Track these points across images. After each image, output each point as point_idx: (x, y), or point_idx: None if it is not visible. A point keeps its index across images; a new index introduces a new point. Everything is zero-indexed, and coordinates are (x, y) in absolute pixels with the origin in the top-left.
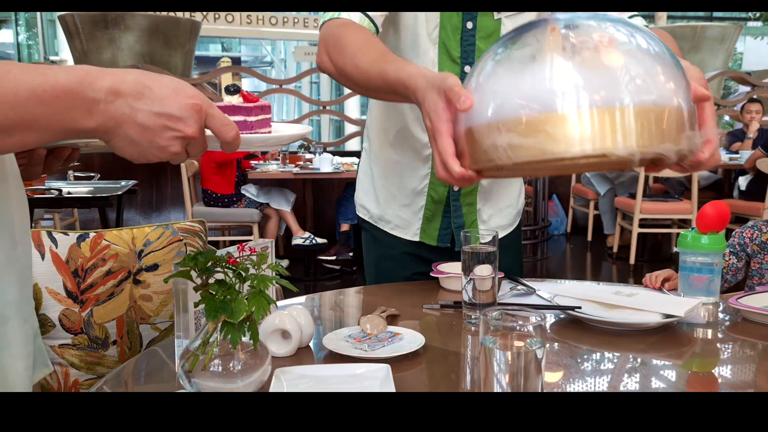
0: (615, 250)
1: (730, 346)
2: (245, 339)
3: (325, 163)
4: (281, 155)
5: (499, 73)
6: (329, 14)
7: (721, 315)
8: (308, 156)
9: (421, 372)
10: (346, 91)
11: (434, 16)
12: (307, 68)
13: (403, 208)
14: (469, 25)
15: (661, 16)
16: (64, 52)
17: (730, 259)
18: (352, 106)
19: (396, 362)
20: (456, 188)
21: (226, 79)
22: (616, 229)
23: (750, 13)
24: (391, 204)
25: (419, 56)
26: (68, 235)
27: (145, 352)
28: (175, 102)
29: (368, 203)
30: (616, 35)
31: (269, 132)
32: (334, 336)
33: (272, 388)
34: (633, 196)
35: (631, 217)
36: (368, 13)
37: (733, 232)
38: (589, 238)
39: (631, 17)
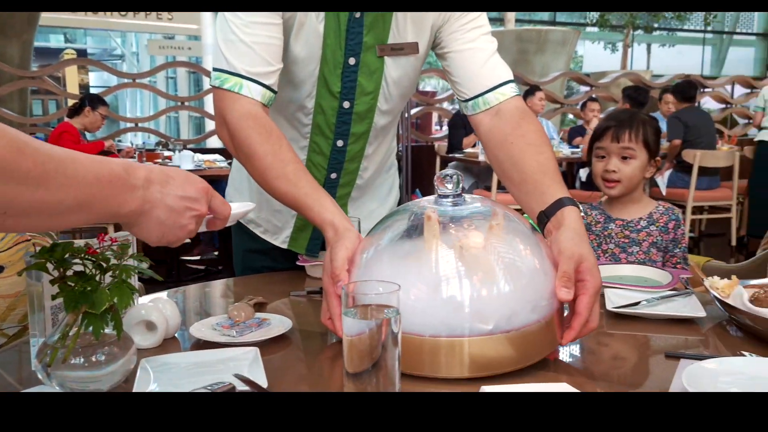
0: None
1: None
2: (108, 330)
3: (185, 161)
4: (137, 153)
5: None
6: (224, 81)
7: None
8: (167, 153)
9: (289, 353)
10: (206, 86)
11: (318, 52)
12: (162, 62)
13: (275, 214)
14: (352, 61)
15: (510, 20)
16: None
17: None
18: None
19: (265, 346)
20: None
21: (71, 73)
22: None
23: (588, 19)
24: (264, 207)
25: (297, 89)
26: None
27: None
28: (192, 186)
29: (241, 201)
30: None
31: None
32: (201, 325)
33: (138, 378)
34: (489, 188)
35: None
36: (264, 81)
37: None
38: None
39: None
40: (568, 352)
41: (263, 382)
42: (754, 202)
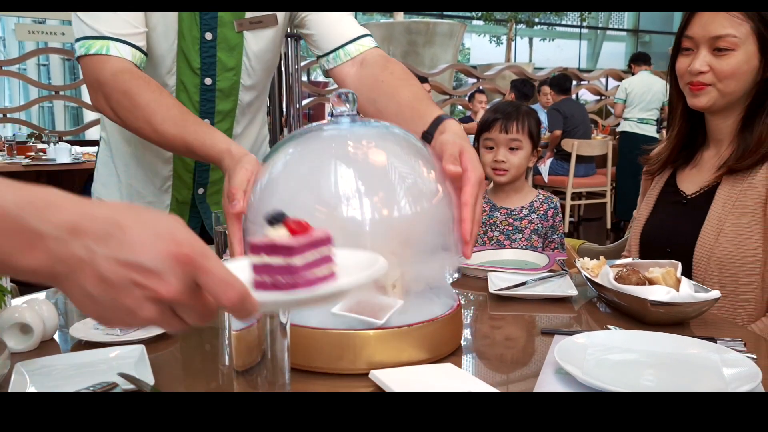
0: None
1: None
2: None
3: (61, 154)
4: (6, 146)
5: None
6: (90, 46)
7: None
8: (41, 146)
9: (177, 349)
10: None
11: (174, 25)
12: (32, 48)
13: (149, 206)
14: (209, 36)
15: (399, 12)
16: None
17: None
18: None
19: (153, 343)
20: (201, 191)
21: None
22: None
23: (473, 12)
24: (135, 200)
25: (158, 65)
26: None
27: None
28: (152, 249)
29: (109, 197)
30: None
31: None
32: (82, 325)
33: (13, 383)
34: None
35: None
36: (132, 41)
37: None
38: None
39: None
40: (463, 336)
41: (150, 379)
42: (619, 188)
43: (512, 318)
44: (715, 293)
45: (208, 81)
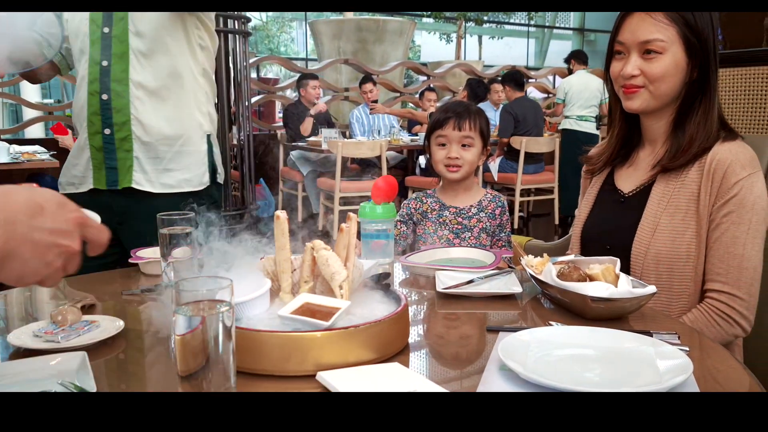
0: (320, 228)
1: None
2: None
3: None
4: None
5: None
6: None
7: (398, 272)
8: None
9: (120, 355)
10: None
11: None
12: None
13: (76, 167)
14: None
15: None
16: None
17: (401, 227)
18: (31, 88)
19: (95, 349)
20: (107, 131)
21: None
22: (320, 208)
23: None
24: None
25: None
26: None
27: None
28: (62, 216)
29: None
30: None
31: None
32: (21, 332)
33: None
34: (332, 176)
35: (332, 196)
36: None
37: (402, 204)
38: (299, 219)
39: None
40: (416, 333)
41: (92, 387)
42: (563, 184)
43: (461, 316)
44: (651, 288)
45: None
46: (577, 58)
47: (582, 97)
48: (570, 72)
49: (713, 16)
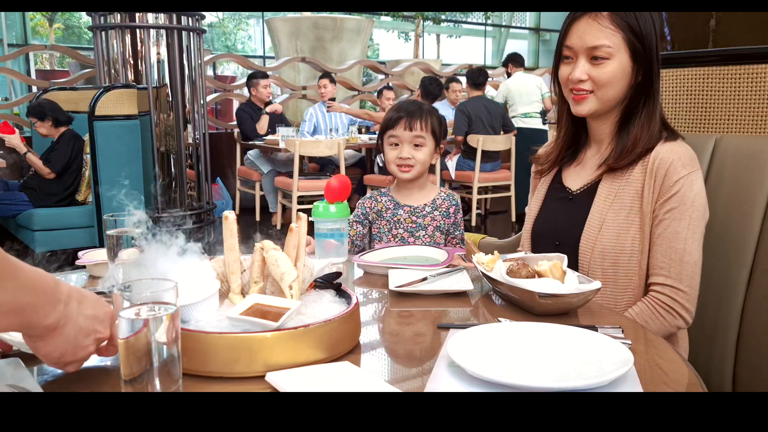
0: (278, 227)
1: (361, 290)
2: None
3: None
4: None
5: None
6: None
7: (353, 271)
8: None
9: None
10: None
11: None
12: None
13: None
14: None
15: None
16: None
17: (356, 227)
18: None
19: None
20: None
21: None
22: (278, 207)
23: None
24: None
25: None
26: None
27: None
28: (100, 308)
29: None
30: None
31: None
32: None
33: None
34: (291, 175)
35: (290, 195)
36: None
37: (357, 203)
38: (257, 218)
39: None
40: (370, 332)
41: (35, 388)
42: (517, 182)
43: (414, 313)
44: (596, 284)
45: None
46: (514, 61)
47: (522, 96)
48: (509, 75)
49: (656, 22)
